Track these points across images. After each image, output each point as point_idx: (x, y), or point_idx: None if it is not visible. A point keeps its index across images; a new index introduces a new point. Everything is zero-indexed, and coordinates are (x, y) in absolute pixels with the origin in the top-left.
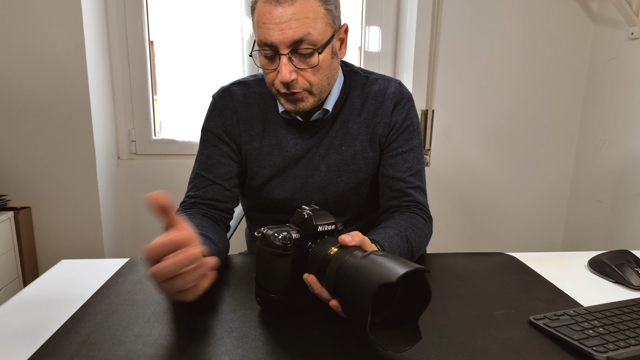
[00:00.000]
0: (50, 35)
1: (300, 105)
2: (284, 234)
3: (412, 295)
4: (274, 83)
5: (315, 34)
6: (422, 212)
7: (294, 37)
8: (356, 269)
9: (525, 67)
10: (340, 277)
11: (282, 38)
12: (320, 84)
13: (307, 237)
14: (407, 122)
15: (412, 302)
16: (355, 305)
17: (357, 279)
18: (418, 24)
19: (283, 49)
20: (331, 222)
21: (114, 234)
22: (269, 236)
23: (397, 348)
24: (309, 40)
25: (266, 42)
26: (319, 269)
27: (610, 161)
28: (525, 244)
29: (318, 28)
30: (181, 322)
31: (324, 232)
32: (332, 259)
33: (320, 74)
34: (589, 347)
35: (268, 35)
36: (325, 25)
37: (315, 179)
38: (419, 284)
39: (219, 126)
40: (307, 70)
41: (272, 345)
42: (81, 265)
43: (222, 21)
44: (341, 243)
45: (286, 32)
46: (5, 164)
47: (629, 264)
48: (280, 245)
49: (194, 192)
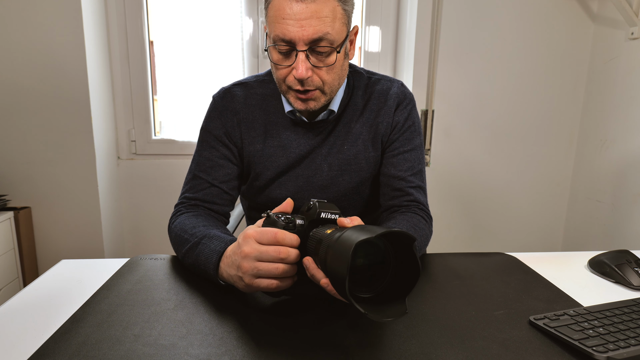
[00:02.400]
0: (51, 35)
1: (311, 104)
2: (288, 216)
3: (404, 275)
4: (287, 79)
5: (334, 34)
6: (422, 212)
7: (314, 35)
8: (340, 237)
9: (525, 67)
10: (328, 251)
11: (301, 35)
12: (333, 83)
13: (310, 224)
14: (409, 122)
15: (404, 281)
16: (337, 270)
17: (339, 244)
18: (418, 23)
19: (301, 46)
20: (335, 212)
21: (114, 234)
22: (273, 217)
23: (379, 317)
24: (327, 39)
25: (284, 38)
26: (314, 249)
27: (610, 161)
28: (525, 244)
29: (336, 27)
30: (181, 322)
31: (327, 219)
32: (325, 238)
33: (334, 73)
34: (589, 347)
35: (287, 31)
36: (342, 25)
37: (318, 179)
38: (410, 262)
39: (219, 128)
40: (322, 69)
41: (272, 345)
42: (81, 265)
43: (222, 21)
44: (339, 225)
45: (306, 29)
46: (5, 164)
47: (629, 264)
48: (283, 225)
49: (192, 193)
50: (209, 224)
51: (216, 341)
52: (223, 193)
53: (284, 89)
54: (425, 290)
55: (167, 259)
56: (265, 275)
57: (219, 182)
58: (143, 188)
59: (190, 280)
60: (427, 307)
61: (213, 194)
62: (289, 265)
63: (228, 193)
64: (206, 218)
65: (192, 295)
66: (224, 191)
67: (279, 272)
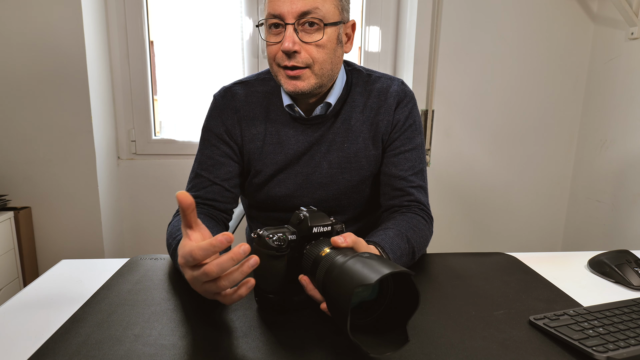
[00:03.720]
0: (51, 35)
1: (300, 84)
2: (279, 235)
3: (402, 300)
4: (276, 57)
5: (324, 11)
6: (422, 213)
7: (303, 8)
8: (341, 271)
9: (525, 67)
10: (327, 278)
11: (290, 9)
12: (323, 64)
13: (303, 239)
14: (410, 120)
15: (403, 306)
16: (338, 307)
17: (340, 281)
18: (418, 23)
19: (289, 19)
20: (327, 223)
21: (114, 234)
22: (264, 237)
23: (380, 351)
24: (316, 14)
25: (274, 13)
26: (311, 269)
27: (610, 161)
28: (525, 244)
29: (327, 7)
30: (181, 322)
31: (320, 233)
32: (322, 260)
33: (324, 53)
34: (589, 347)
35: (277, 6)
36: (334, 7)
37: (317, 176)
38: (409, 288)
39: (220, 126)
40: (311, 45)
41: (272, 345)
42: (81, 265)
43: (222, 21)
44: (333, 244)
45: (295, 4)
46: (5, 164)
47: (629, 264)
48: (274, 246)
49: (194, 192)
50: None
51: (216, 341)
52: (225, 191)
53: (275, 70)
54: (425, 290)
55: (167, 259)
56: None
57: (221, 180)
58: (143, 188)
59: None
60: (427, 307)
61: (215, 191)
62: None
63: (230, 191)
64: (208, 221)
65: (192, 295)
66: (226, 189)
67: (223, 288)
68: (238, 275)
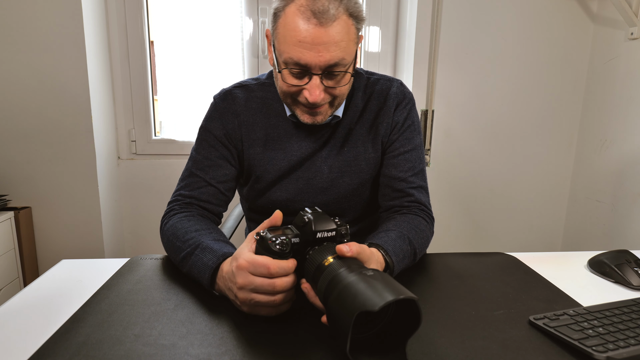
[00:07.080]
0: (50, 35)
1: (318, 119)
2: (282, 238)
3: (404, 317)
4: (296, 97)
5: (348, 57)
6: (423, 213)
7: (330, 61)
8: (344, 288)
9: (525, 67)
10: (329, 291)
11: (317, 61)
12: (342, 97)
13: (306, 242)
14: (409, 121)
15: (404, 323)
16: (338, 325)
17: (342, 299)
18: (418, 24)
19: (316, 70)
20: (331, 228)
21: (114, 234)
22: (266, 240)
23: None
24: (342, 64)
25: (299, 62)
26: (313, 277)
27: (610, 161)
28: (525, 244)
29: (350, 50)
30: (181, 322)
31: (323, 238)
32: (325, 270)
33: (345, 89)
34: (589, 347)
35: (302, 55)
36: (354, 45)
37: (318, 181)
38: (411, 307)
39: (220, 128)
40: (334, 88)
41: (272, 345)
42: (81, 265)
43: (222, 21)
44: (338, 252)
45: (323, 56)
46: (5, 164)
47: (629, 264)
48: (277, 251)
49: (188, 191)
50: (201, 228)
51: (216, 341)
52: (219, 193)
53: (289, 102)
54: (426, 290)
55: (167, 259)
56: (263, 305)
57: (216, 182)
58: (143, 188)
59: (190, 280)
60: (427, 307)
61: (209, 193)
62: (286, 293)
63: (224, 194)
64: (198, 221)
65: (192, 295)
66: (220, 191)
67: (277, 303)
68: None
